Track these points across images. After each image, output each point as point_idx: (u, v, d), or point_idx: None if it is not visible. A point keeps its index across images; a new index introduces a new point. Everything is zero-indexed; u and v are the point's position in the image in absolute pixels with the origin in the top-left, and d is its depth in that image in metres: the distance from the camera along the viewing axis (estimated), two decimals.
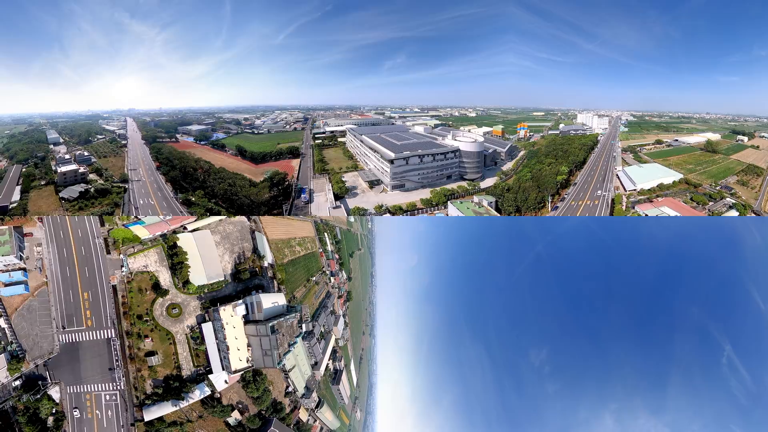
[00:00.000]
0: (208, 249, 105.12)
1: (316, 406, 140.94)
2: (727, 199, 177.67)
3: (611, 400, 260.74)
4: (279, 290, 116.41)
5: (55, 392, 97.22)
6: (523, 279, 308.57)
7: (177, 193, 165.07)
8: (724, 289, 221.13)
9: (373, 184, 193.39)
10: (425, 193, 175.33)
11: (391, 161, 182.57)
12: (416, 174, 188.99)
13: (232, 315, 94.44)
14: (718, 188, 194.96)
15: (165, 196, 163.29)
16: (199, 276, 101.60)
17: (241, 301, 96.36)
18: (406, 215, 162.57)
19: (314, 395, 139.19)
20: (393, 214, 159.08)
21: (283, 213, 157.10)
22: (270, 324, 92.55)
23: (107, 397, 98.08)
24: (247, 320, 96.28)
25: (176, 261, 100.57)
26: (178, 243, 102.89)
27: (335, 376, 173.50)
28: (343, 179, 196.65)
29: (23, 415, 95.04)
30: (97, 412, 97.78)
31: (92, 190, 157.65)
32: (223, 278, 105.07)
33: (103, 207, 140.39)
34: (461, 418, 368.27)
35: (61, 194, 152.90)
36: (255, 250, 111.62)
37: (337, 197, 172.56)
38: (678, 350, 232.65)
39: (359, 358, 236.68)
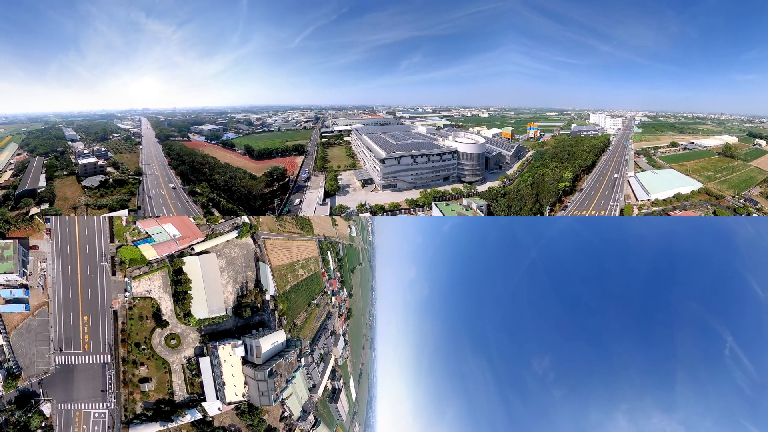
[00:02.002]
0: (213, 276, 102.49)
1: (312, 427, 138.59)
2: (754, 215, 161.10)
3: (621, 401, 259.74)
4: (280, 322, 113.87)
5: (46, 407, 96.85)
6: (521, 287, 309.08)
7: (185, 185, 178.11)
8: (720, 282, 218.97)
9: (366, 183, 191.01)
10: (416, 194, 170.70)
11: (382, 160, 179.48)
12: (409, 174, 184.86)
13: (230, 354, 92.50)
14: (742, 201, 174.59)
15: (174, 188, 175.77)
16: (201, 309, 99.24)
17: (240, 342, 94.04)
18: (387, 215, 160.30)
19: (311, 417, 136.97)
20: (374, 213, 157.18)
21: (275, 209, 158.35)
22: (268, 369, 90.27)
23: (96, 415, 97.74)
24: (246, 360, 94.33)
25: (180, 290, 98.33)
26: (184, 269, 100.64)
27: (333, 395, 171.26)
28: (338, 177, 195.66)
29: (14, 427, 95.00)
30: (84, 426, 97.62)
31: (111, 180, 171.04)
32: (224, 312, 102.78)
33: (121, 195, 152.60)
34: (468, 430, 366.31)
35: (83, 182, 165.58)
36: (258, 283, 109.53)
37: (330, 195, 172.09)
38: (680, 346, 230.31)
39: (359, 373, 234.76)
